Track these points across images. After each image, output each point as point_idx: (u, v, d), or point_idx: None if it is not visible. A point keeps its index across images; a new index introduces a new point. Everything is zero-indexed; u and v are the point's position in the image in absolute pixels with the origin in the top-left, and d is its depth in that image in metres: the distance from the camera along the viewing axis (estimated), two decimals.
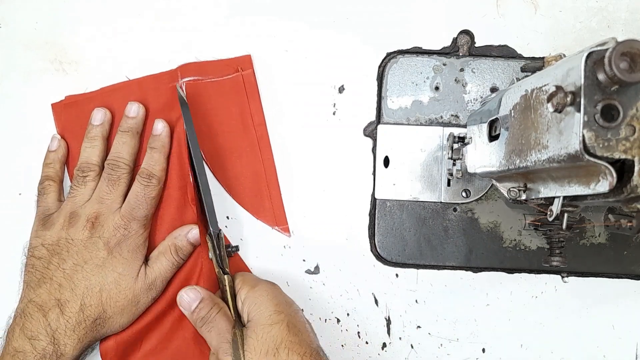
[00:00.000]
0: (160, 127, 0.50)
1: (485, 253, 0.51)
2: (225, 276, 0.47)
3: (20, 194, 0.52)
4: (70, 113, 0.52)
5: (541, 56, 0.51)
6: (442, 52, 0.52)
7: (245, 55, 0.52)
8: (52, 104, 0.52)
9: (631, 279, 0.50)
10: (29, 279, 0.47)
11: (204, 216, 0.49)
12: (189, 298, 0.46)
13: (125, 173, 0.48)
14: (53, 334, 0.44)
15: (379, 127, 0.52)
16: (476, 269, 0.51)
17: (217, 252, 0.48)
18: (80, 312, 0.45)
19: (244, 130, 0.52)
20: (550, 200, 0.38)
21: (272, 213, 0.52)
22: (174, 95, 0.51)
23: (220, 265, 0.47)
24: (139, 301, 0.47)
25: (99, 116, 0.50)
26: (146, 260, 0.48)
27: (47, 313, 0.45)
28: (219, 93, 0.52)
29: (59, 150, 0.51)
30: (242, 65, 0.52)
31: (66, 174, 0.52)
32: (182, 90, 0.51)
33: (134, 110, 0.50)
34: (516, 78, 0.50)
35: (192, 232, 0.49)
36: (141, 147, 0.51)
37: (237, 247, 0.50)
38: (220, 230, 0.48)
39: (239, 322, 0.45)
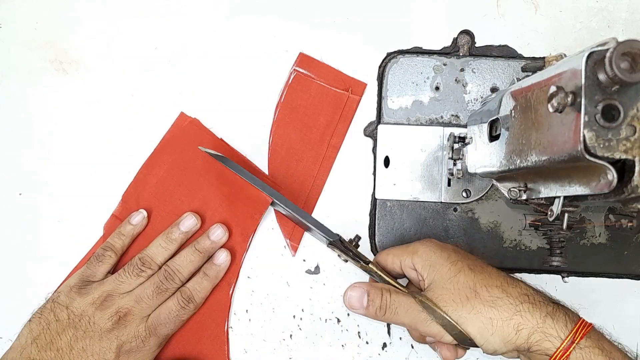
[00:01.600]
0: (222, 258, 0.49)
1: (486, 253, 0.51)
2: (370, 265, 0.46)
3: (20, 194, 0.52)
4: (189, 131, 0.52)
5: (541, 56, 0.51)
6: (443, 52, 0.52)
7: (363, 82, 0.52)
8: (182, 113, 0.52)
9: (631, 279, 0.50)
10: (38, 333, 0.45)
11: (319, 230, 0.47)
12: (357, 295, 0.45)
13: (175, 288, 0.47)
14: None
15: (380, 127, 0.52)
16: None
17: (350, 252, 0.47)
18: None
19: (319, 142, 0.52)
20: (550, 200, 0.38)
21: (294, 228, 0.51)
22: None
23: (360, 259, 0.46)
24: None
25: (189, 223, 0.49)
26: None
27: None
28: (319, 98, 0.52)
29: (137, 227, 0.50)
30: (355, 89, 0.52)
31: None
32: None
33: (218, 234, 0.49)
34: (516, 78, 0.50)
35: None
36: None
37: (358, 237, 0.48)
38: (338, 235, 0.47)
39: (415, 291, 0.45)
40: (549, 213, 0.37)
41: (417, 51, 0.52)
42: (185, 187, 0.51)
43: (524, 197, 0.40)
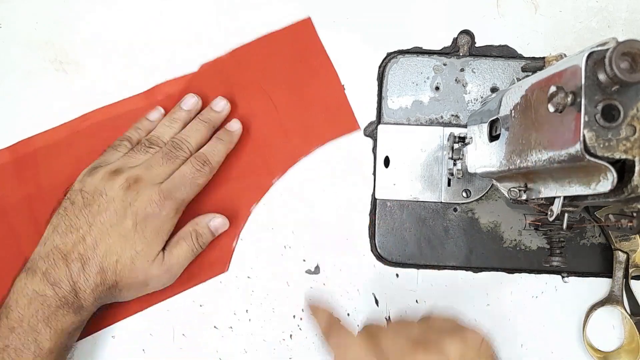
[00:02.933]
0: (236, 126, 0.50)
1: (486, 253, 0.51)
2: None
3: None
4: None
5: (541, 56, 0.51)
6: (443, 52, 0.52)
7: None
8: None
9: (633, 279, 0.50)
10: (57, 222, 0.45)
11: None
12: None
13: (184, 156, 0.47)
14: (74, 285, 0.43)
15: (379, 127, 0.52)
16: (476, 269, 0.51)
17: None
18: (98, 275, 0.44)
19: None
20: (550, 200, 0.38)
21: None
22: None
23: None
24: (148, 284, 0.46)
25: (191, 102, 0.50)
26: (165, 245, 0.47)
27: (70, 264, 0.43)
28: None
29: (155, 122, 0.50)
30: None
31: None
32: None
33: (221, 105, 0.50)
34: (516, 78, 0.50)
35: (215, 221, 0.49)
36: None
37: None
38: None
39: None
40: (549, 213, 0.37)
41: (417, 51, 0.52)
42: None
43: (524, 197, 0.40)
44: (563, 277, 0.51)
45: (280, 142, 0.51)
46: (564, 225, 0.39)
